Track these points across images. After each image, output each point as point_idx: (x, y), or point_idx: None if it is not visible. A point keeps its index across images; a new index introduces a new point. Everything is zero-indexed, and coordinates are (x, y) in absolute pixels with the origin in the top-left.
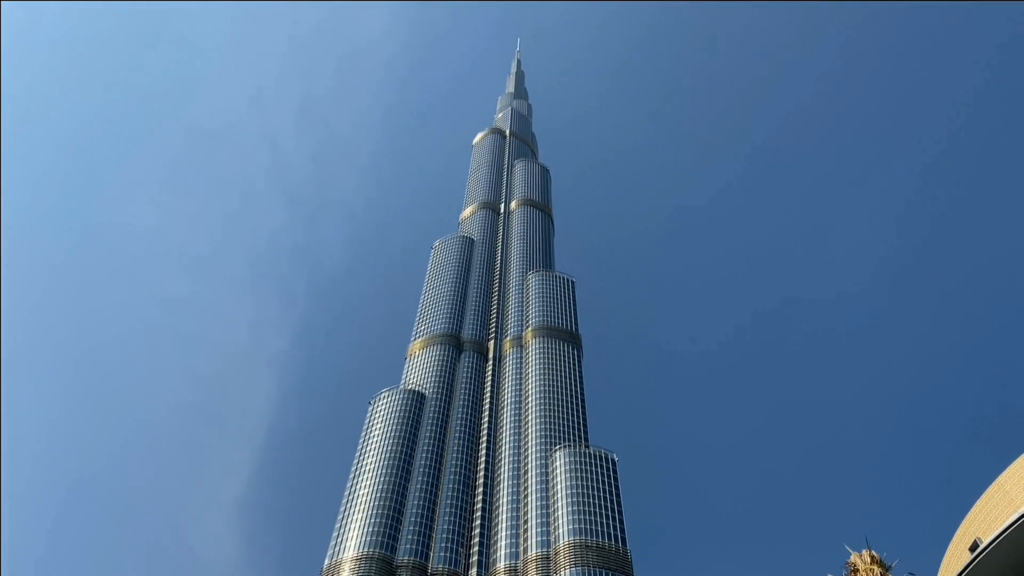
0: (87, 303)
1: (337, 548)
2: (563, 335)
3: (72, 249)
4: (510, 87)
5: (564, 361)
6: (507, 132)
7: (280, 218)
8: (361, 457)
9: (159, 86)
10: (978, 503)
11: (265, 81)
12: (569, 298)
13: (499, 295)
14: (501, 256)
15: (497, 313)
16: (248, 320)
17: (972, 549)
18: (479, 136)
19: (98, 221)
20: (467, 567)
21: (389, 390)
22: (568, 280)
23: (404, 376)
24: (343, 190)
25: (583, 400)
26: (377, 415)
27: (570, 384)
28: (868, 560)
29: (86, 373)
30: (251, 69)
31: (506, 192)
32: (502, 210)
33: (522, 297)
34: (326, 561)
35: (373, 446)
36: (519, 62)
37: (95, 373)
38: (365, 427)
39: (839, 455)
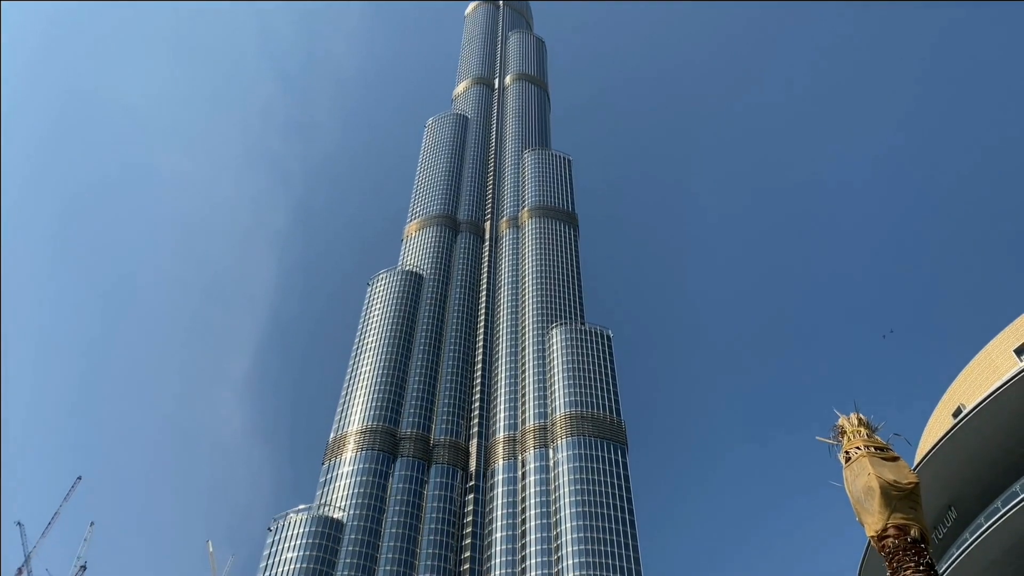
0: (81, 180)
1: (342, 422)
2: (559, 215)
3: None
4: None
5: (560, 241)
6: (500, 0)
7: (271, 91)
8: (362, 336)
9: None
10: (964, 371)
11: None
12: (565, 177)
13: (495, 174)
14: (496, 134)
15: (493, 193)
16: (245, 198)
17: (956, 415)
18: (471, 6)
19: (88, 97)
20: (468, 438)
21: (387, 271)
22: (564, 158)
23: (401, 257)
24: (333, 61)
25: (579, 279)
26: (376, 296)
27: (566, 263)
28: (856, 423)
29: (85, 255)
30: None
31: (500, 66)
32: (496, 85)
33: (518, 176)
34: (332, 434)
35: (373, 326)
36: None
37: (93, 254)
38: (364, 307)
39: (831, 329)
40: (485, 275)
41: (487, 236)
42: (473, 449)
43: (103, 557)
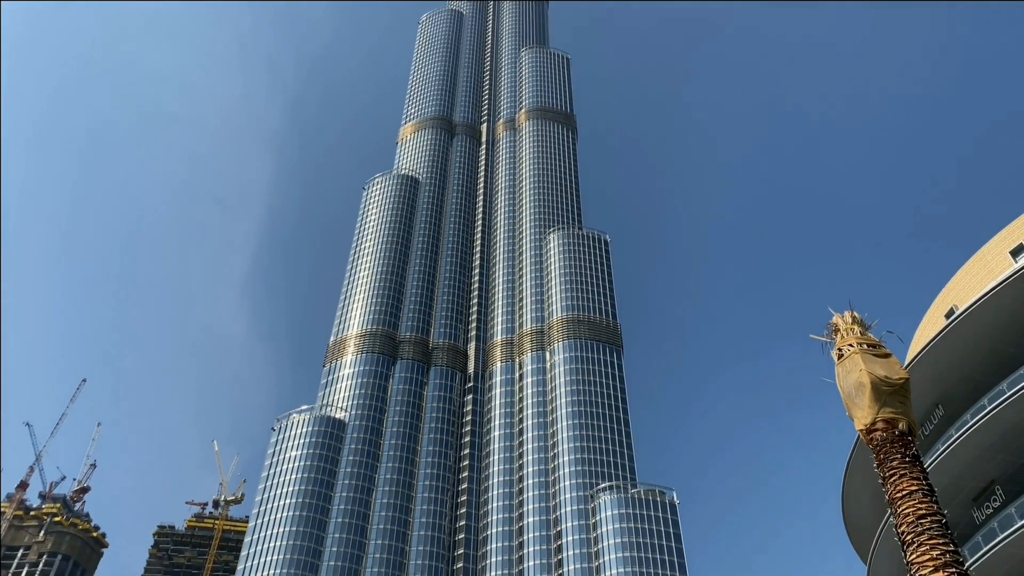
0: (70, 76)
1: (342, 325)
2: (557, 116)
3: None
4: None
5: (558, 144)
6: None
7: None
8: (359, 241)
9: None
10: (959, 273)
11: None
12: (563, 77)
13: (491, 74)
14: (492, 31)
15: (489, 94)
16: (238, 96)
17: (948, 316)
18: None
19: None
20: (466, 341)
21: (383, 176)
22: (563, 57)
23: (397, 161)
24: None
25: (577, 182)
26: (372, 200)
27: (564, 167)
28: (849, 320)
29: (76, 152)
30: None
31: None
32: None
33: (515, 76)
34: (332, 337)
35: (370, 231)
36: None
37: (85, 152)
38: (361, 212)
39: (827, 227)
40: (482, 179)
41: (484, 139)
42: (471, 352)
43: (111, 457)
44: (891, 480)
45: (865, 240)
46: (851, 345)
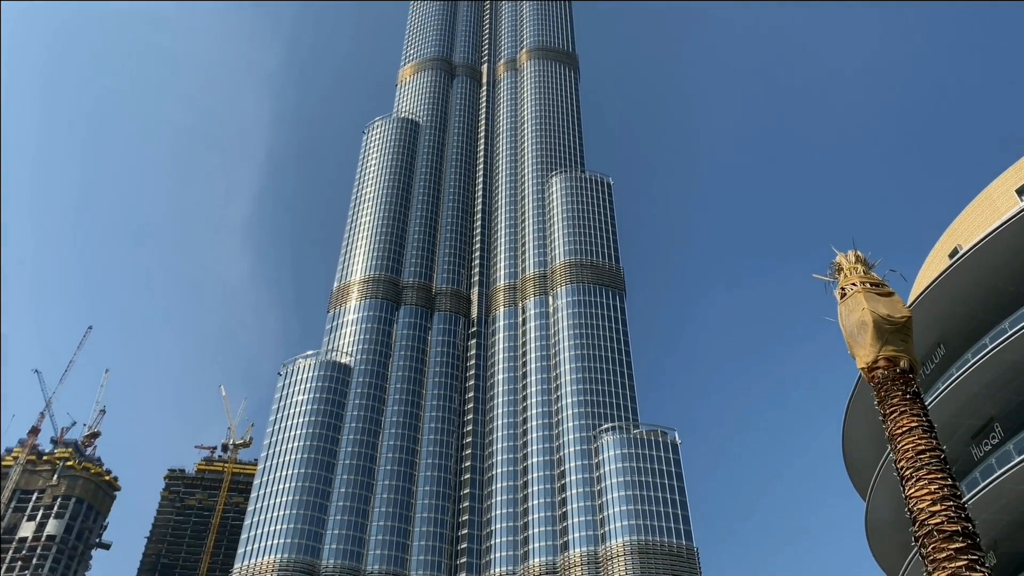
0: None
1: (345, 271)
2: (559, 56)
3: None
4: None
5: (560, 84)
6: None
7: None
8: (360, 186)
9: None
10: (964, 212)
11: None
12: (565, 15)
13: (491, 14)
14: None
15: (490, 33)
16: (235, 37)
17: (952, 255)
18: None
19: None
20: (469, 286)
21: (382, 119)
22: None
23: (396, 104)
24: None
25: (580, 125)
26: (372, 144)
27: (566, 108)
28: (853, 260)
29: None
30: None
31: None
32: None
33: (516, 15)
34: (335, 283)
35: (370, 175)
36: None
37: (88, 101)
38: (361, 156)
39: (833, 165)
40: (483, 121)
41: (484, 80)
42: (474, 297)
43: (121, 402)
44: (891, 417)
45: (872, 178)
46: (854, 284)
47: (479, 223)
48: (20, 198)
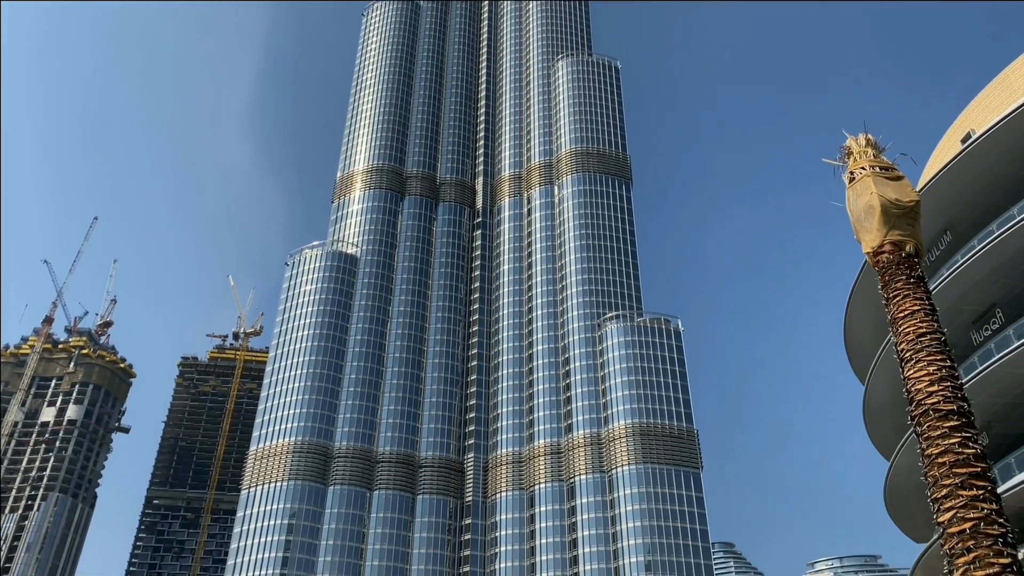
0: None
1: (348, 161)
2: None
3: None
4: None
5: None
6: None
7: None
8: (360, 72)
9: None
10: (978, 96)
11: None
12: None
13: None
14: None
15: None
16: None
17: (964, 141)
18: None
19: None
20: (474, 176)
21: (381, 2)
22: None
23: None
24: None
25: (587, 5)
26: (372, 28)
27: None
28: (863, 143)
29: None
30: None
31: None
32: None
33: None
34: (339, 173)
35: (371, 61)
36: None
37: None
38: (361, 40)
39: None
40: (486, 1)
41: None
42: (479, 187)
43: (130, 293)
44: (894, 300)
45: (886, 62)
46: (863, 168)
47: (483, 110)
48: (25, 91)
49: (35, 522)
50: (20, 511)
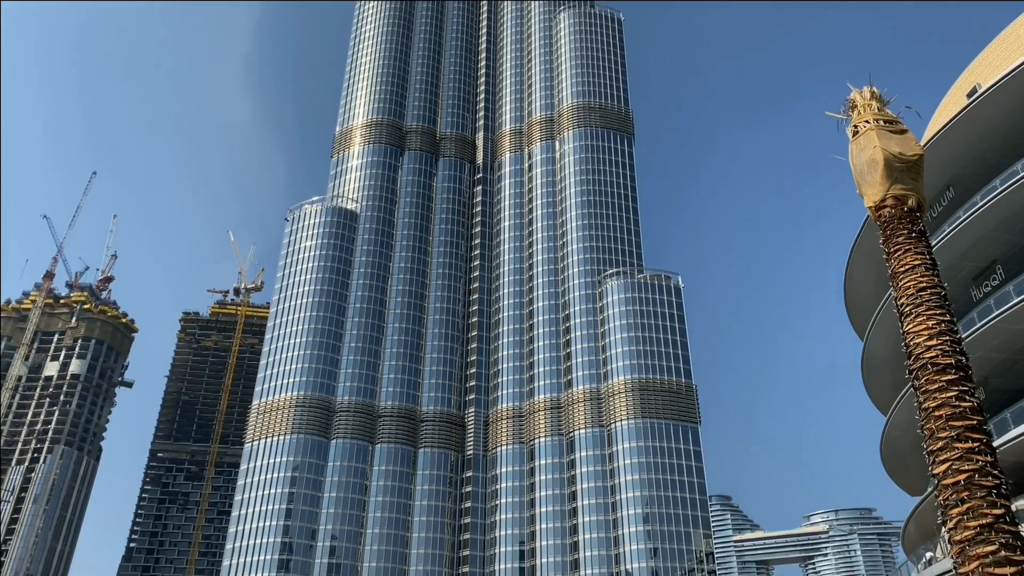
0: None
1: (347, 115)
2: None
3: None
4: None
5: None
6: None
7: None
8: (359, 23)
9: None
10: (985, 50)
11: None
12: None
13: None
14: None
15: None
16: None
17: (970, 95)
18: None
19: None
20: (474, 131)
21: None
22: None
23: None
24: None
25: None
26: None
27: None
28: (868, 96)
29: None
30: None
31: None
32: None
33: None
34: (338, 127)
35: (370, 13)
36: None
37: None
38: None
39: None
40: None
41: None
42: (480, 142)
43: (131, 248)
44: (895, 255)
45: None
46: (867, 122)
47: (484, 63)
48: (22, 43)
49: (41, 474)
50: (27, 464)
